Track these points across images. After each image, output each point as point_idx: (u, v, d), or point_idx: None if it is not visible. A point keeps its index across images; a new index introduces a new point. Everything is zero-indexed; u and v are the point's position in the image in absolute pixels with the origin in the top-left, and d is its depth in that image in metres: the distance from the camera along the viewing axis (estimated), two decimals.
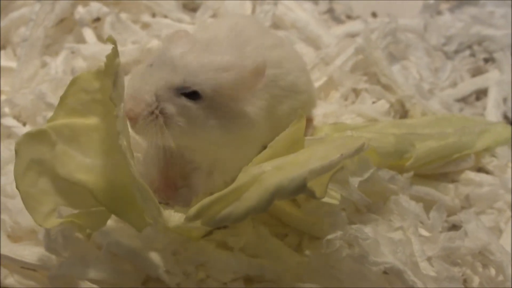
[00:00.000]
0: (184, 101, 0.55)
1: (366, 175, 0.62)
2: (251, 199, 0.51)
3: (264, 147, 0.58)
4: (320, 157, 0.52)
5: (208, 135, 0.57)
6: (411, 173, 0.70)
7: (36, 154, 0.56)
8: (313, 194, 0.50)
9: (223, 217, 0.51)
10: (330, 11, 1.03)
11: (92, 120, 0.56)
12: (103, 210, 0.56)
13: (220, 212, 0.51)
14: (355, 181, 0.60)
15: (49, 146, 0.56)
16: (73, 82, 0.56)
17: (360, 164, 0.62)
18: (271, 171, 0.52)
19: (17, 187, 0.56)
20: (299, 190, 0.50)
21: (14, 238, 0.67)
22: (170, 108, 0.55)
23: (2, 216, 0.68)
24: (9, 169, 0.73)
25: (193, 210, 0.52)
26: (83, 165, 0.56)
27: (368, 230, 0.62)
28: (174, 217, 0.56)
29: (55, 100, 0.76)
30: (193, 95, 0.56)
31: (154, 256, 0.58)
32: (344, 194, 0.60)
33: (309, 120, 0.73)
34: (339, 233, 0.60)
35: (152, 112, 0.55)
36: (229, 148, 0.59)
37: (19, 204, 0.67)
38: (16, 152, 0.56)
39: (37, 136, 0.56)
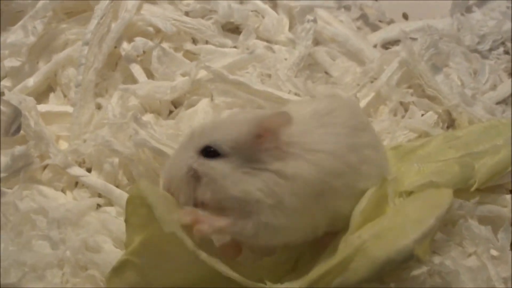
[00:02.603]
0: (207, 161, 0.59)
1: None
2: (360, 270, 0.56)
3: None
4: (414, 220, 0.56)
5: (232, 185, 0.59)
6: (477, 198, 0.73)
7: (125, 283, 0.60)
8: (420, 260, 0.54)
9: None
10: (363, 16, 1.04)
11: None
12: None
13: (330, 284, 0.56)
14: None
15: (135, 271, 0.59)
16: (128, 203, 0.60)
17: None
18: (371, 241, 0.56)
19: None
20: (407, 260, 0.54)
21: None
22: (199, 171, 0.59)
23: (90, 272, 0.70)
24: (86, 221, 0.75)
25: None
26: (172, 272, 0.60)
27: (448, 263, 0.66)
28: None
29: (119, 147, 0.78)
30: (215, 153, 0.59)
31: None
32: None
33: None
34: (425, 269, 0.64)
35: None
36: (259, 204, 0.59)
37: (107, 257, 0.70)
38: None
39: (121, 268, 0.59)
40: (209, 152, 0.59)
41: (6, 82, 0.89)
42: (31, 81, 0.88)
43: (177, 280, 0.60)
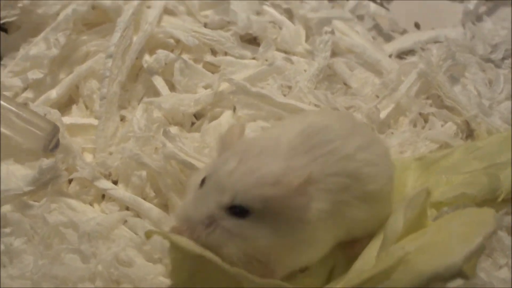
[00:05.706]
0: (234, 219, 0.59)
1: None
2: (403, 281, 0.56)
3: None
4: (460, 237, 0.56)
5: (263, 243, 0.60)
6: (504, 210, 0.75)
7: None
8: (467, 278, 0.55)
9: None
10: (376, 26, 1.06)
11: None
12: None
13: None
14: None
15: None
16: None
17: None
18: (415, 253, 0.57)
19: None
20: (454, 277, 0.54)
21: None
22: (224, 225, 0.59)
23: (123, 286, 0.70)
24: (116, 234, 0.76)
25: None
26: None
27: (483, 275, 0.67)
28: None
29: (148, 160, 0.78)
30: (243, 212, 0.59)
31: None
32: None
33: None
34: (460, 281, 0.65)
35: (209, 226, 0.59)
36: (286, 250, 0.61)
37: (139, 271, 0.71)
38: None
39: None
40: (237, 211, 0.59)
41: (28, 94, 0.89)
42: (54, 93, 0.88)
43: None
